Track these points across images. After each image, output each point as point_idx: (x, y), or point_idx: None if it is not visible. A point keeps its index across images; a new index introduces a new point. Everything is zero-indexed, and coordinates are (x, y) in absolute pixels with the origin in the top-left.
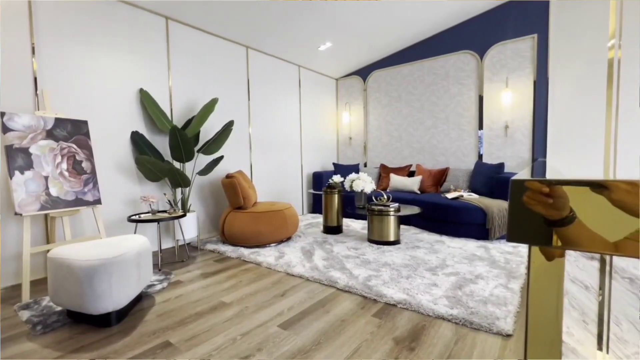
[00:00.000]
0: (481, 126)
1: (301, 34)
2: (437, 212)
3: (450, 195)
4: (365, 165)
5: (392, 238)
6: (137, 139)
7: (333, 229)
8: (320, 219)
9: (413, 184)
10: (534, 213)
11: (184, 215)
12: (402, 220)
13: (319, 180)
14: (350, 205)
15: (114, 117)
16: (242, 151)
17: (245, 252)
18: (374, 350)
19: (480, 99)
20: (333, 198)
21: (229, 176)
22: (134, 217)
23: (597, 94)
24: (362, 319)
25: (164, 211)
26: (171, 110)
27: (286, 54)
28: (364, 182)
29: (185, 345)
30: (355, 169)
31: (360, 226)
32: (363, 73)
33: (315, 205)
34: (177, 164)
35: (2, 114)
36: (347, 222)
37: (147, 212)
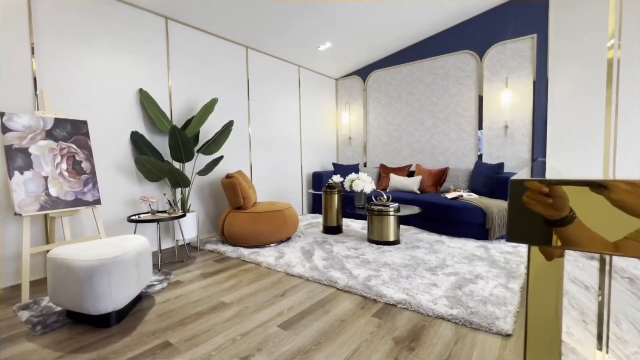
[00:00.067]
0: (481, 126)
1: (301, 34)
2: (437, 212)
3: (450, 195)
4: (365, 165)
5: (391, 238)
6: (137, 139)
7: (333, 229)
8: (320, 219)
9: (413, 184)
10: (534, 213)
11: (183, 216)
12: (402, 220)
13: (318, 180)
14: (350, 205)
15: (113, 117)
16: (242, 151)
17: (245, 252)
18: (373, 350)
19: (480, 99)
20: (333, 198)
21: (228, 176)
22: (133, 217)
23: (596, 94)
24: (362, 319)
25: (164, 211)
26: (171, 110)
27: (286, 54)
28: (363, 182)
29: (185, 345)
30: (355, 169)
31: (360, 226)
32: (363, 73)
33: (315, 205)
34: (176, 164)
35: (2, 114)
36: (347, 222)
37: (147, 212)
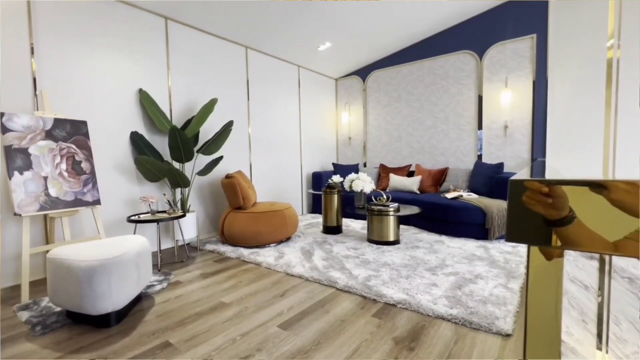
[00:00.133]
0: (480, 126)
1: (301, 34)
2: (437, 212)
3: (449, 195)
4: (365, 165)
5: (391, 238)
6: (137, 139)
7: (333, 229)
8: (319, 219)
9: (412, 184)
10: (533, 213)
11: (183, 216)
12: (402, 220)
13: (318, 180)
14: (350, 205)
15: (113, 117)
16: (242, 151)
17: (245, 252)
18: (373, 350)
19: (480, 99)
20: (332, 198)
21: (228, 176)
22: (133, 218)
23: (596, 94)
24: (362, 319)
25: (164, 211)
26: (170, 110)
27: (286, 54)
28: (363, 182)
29: (185, 345)
30: (355, 169)
31: (360, 226)
32: (362, 73)
33: (315, 206)
34: (176, 164)
35: (2, 114)
36: (347, 222)
37: (147, 213)
